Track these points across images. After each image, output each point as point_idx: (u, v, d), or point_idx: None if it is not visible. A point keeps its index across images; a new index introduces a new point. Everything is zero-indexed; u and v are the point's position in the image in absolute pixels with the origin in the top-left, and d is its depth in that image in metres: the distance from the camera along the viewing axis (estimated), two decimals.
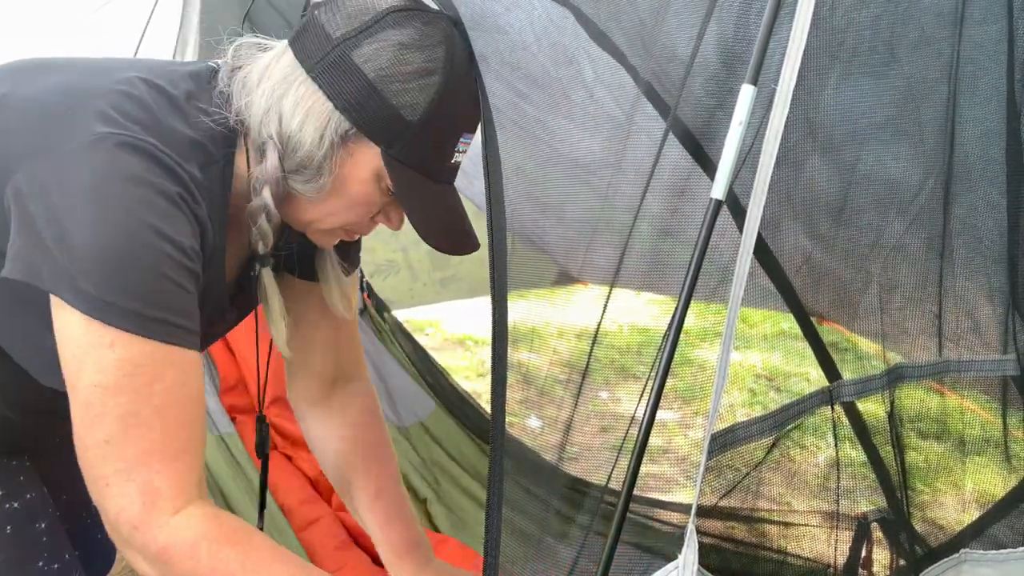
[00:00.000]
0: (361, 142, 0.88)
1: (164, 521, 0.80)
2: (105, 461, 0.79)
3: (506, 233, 0.90)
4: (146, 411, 0.79)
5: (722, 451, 0.93)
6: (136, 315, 0.77)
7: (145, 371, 0.78)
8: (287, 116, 0.86)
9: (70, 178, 0.77)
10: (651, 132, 1.12)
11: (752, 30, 0.92)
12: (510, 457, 0.93)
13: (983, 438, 1.24)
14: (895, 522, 1.27)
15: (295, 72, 0.87)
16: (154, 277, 0.78)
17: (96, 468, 0.79)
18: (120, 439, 0.78)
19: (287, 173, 0.89)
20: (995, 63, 1.09)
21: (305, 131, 0.86)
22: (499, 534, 0.85)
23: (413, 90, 0.86)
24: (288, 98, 0.86)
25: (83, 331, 0.77)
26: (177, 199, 0.80)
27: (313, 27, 0.87)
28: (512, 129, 1.14)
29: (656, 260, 1.08)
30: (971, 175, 1.15)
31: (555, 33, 1.15)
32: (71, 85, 0.85)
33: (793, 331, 1.29)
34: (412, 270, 3.04)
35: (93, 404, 0.78)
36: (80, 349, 0.77)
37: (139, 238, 0.77)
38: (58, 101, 0.83)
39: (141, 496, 0.79)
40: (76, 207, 0.76)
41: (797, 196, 1.07)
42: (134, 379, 0.78)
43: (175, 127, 0.84)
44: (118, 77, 0.85)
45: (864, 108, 1.09)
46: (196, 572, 0.81)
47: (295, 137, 0.87)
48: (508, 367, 0.89)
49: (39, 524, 1.05)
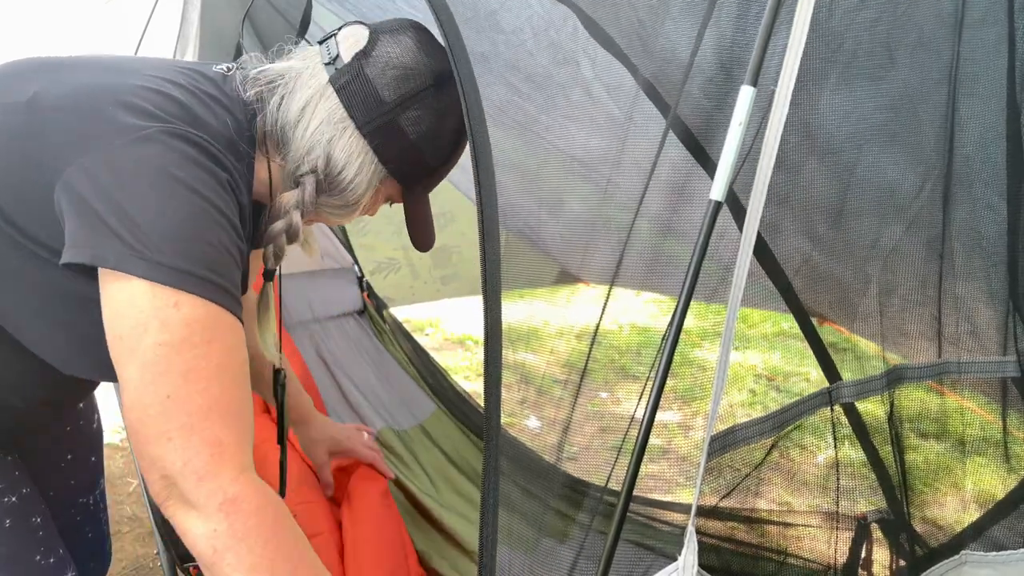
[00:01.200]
0: (390, 180, 1.05)
1: (234, 475, 0.84)
2: (168, 417, 0.82)
3: (499, 233, 0.90)
4: (207, 369, 0.84)
5: (722, 452, 0.93)
6: (199, 279, 0.83)
7: (206, 331, 0.84)
8: (338, 162, 1.00)
9: (127, 168, 0.83)
10: (650, 131, 1.12)
11: (750, 33, 0.92)
12: (507, 457, 0.93)
13: (983, 438, 1.24)
14: (895, 522, 1.27)
15: (345, 122, 0.99)
16: (214, 248, 0.85)
17: (157, 425, 0.82)
18: (183, 394, 0.82)
19: (319, 200, 1.02)
20: (995, 64, 1.09)
21: (357, 180, 1.01)
22: (495, 535, 0.85)
23: (445, 147, 1.04)
24: (338, 146, 0.99)
25: (149, 297, 0.82)
26: (226, 184, 0.88)
27: (363, 82, 0.98)
28: (512, 127, 1.14)
29: (656, 260, 1.08)
30: (971, 177, 1.15)
31: (554, 32, 1.15)
32: (102, 84, 0.90)
33: (793, 331, 1.30)
34: (413, 268, 3.04)
35: (157, 362, 0.82)
36: (144, 314, 0.82)
37: (202, 214, 0.85)
38: (92, 101, 0.88)
39: (208, 448, 0.83)
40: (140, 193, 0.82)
41: (796, 198, 1.07)
42: (196, 337, 0.83)
43: (209, 122, 0.91)
44: (145, 74, 0.92)
45: (863, 111, 1.09)
46: (258, 530, 0.84)
47: (344, 179, 1.01)
48: (507, 367, 0.89)
49: (35, 519, 1.07)
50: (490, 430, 0.87)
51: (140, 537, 2.34)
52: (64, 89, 0.90)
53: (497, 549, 0.86)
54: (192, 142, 0.86)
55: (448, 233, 2.96)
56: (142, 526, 2.37)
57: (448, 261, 3.07)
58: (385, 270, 2.98)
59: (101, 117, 0.86)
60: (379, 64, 0.98)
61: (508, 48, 1.14)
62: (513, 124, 1.16)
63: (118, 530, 2.34)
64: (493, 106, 0.98)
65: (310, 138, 0.98)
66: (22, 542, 1.04)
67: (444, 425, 2.35)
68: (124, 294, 0.82)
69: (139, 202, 0.82)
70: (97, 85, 0.90)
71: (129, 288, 0.82)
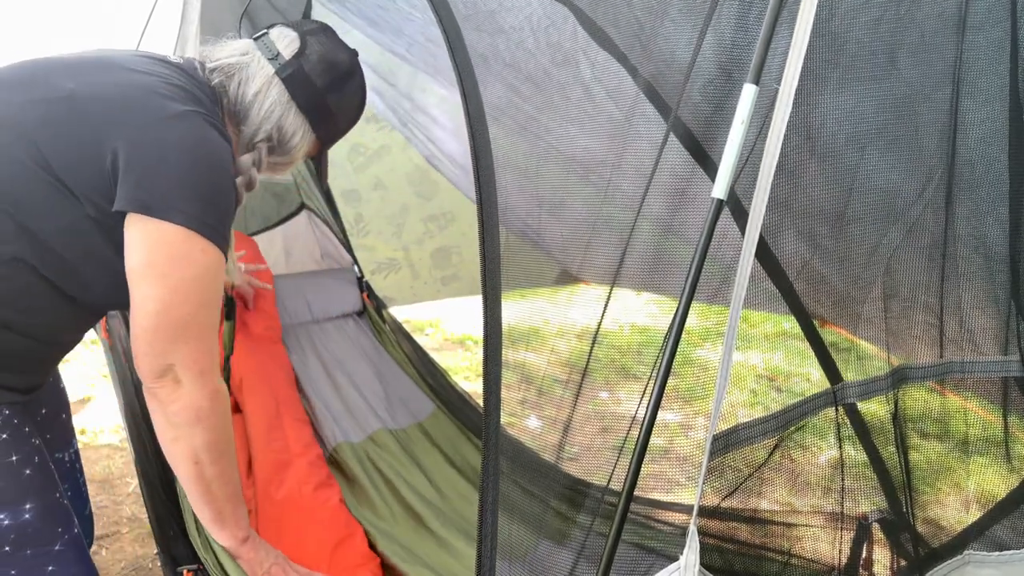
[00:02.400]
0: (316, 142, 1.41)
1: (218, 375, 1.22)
2: (188, 326, 1.15)
3: (499, 232, 0.90)
4: (214, 299, 1.20)
5: (724, 452, 0.93)
6: (219, 234, 1.15)
7: (217, 271, 1.17)
8: (286, 132, 1.35)
9: (169, 138, 1.13)
10: (650, 131, 1.12)
11: (751, 34, 0.92)
12: (507, 457, 0.93)
13: (985, 438, 1.24)
14: (896, 523, 1.26)
15: (290, 104, 1.33)
16: (227, 208, 1.18)
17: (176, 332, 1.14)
18: (198, 315, 1.16)
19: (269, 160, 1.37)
20: (998, 66, 1.08)
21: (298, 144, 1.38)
22: (495, 535, 0.85)
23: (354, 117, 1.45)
24: (286, 121, 1.34)
25: (183, 239, 1.11)
26: (230, 154, 1.20)
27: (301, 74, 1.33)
28: (511, 127, 1.14)
29: (658, 260, 1.08)
30: (973, 178, 1.14)
31: (554, 33, 1.15)
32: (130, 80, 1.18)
33: (794, 331, 1.29)
34: (413, 268, 3.04)
35: (182, 291, 1.13)
36: (178, 251, 1.12)
37: (223, 180, 1.17)
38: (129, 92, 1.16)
39: (209, 351, 1.19)
40: (179, 159, 1.12)
41: (798, 201, 1.07)
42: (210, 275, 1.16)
43: (207, 104, 1.22)
44: (160, 71, 1.21)
45: (864, 112, 1.09)
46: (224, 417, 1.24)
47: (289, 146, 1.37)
48: (507, 367, 0.89)
49: (51, 465, 1.28)
50: (489, 429, 0.86)
51: (140, 537, 2.34)
52: (99, 85, 1.16)
53: (497, 550, 0.86)
54: (210, 122, 1.18)
55: (448, 233, 2.95)
56: (142, 526, 2.37)
57: (448, 261, 3.07)
58: (385, 270, 2.98)
59: (139, 103, 1.14)
60: (312, 59, 1.34)
61: (508, 48, 1.13)
62: (513, 124, 1.15)
63: (117, 530, 2.34)
64: (492, 106, 0.98)
65: (264, 115, 1.32)
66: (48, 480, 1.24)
67: (443, 425, 2.34)
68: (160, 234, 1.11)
69: (180, 166, 1.11)
70: (127, 81, 1.18)
71: (166, 230, 1.10)
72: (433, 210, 2.90)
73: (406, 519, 1.92)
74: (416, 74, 2.23)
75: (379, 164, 2.81)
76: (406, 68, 2.19)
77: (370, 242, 2.90)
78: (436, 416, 2.37)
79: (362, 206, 2.85)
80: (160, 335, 1.13)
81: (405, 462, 2.13)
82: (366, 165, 2.81)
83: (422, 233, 2.94)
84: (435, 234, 2.96)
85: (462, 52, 0.92)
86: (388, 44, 1.98)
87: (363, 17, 1.92)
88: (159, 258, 1.12)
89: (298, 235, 2.85)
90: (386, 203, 2.87)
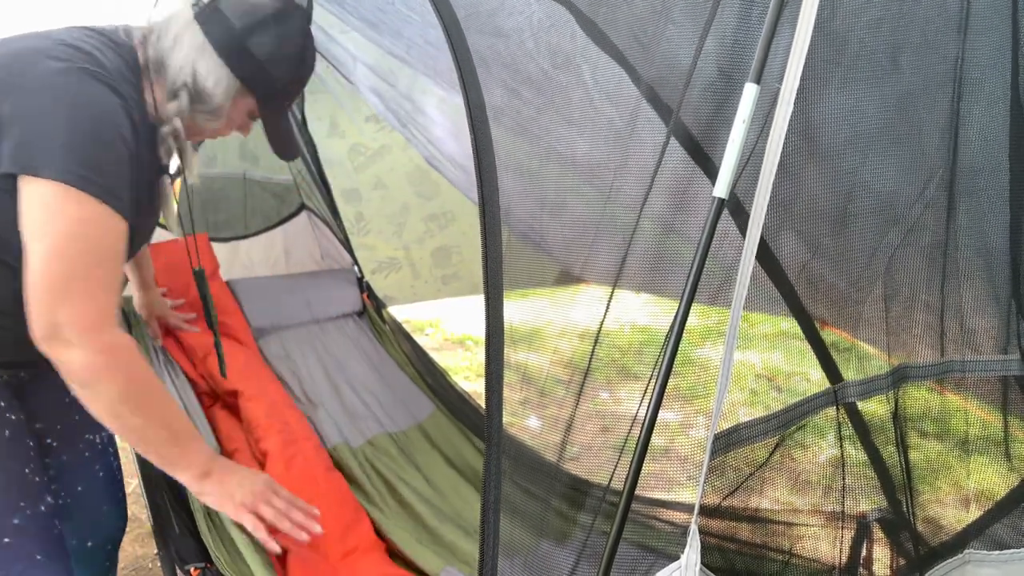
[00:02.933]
0: (246, 94, 1.35)
1: (110, 328, 1.17)
2: (69, 283, 1.11)
3: (500, 231, 0.90)
4: (97, 251, 1.15)
5: (725, 451, 0.93)
6: (98, 185, 1.12)
7: (100, 225, 1.14)
8: (202, 78, 1.29)
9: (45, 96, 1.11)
10: (652, 132, 1.12)
11: (752, 36, 0.92)
12: (508, 457, 0.93)
13: (984, 437, 1.24)
14: (896, 522, 1.27)
15: (206, 47, 1.28)
16: (111, 160, 1.15)
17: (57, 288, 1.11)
18: (82, 270, 1.12)
19: (193, 110, 1.32)
20: (1000, 66, 1.08)
21: (216, 91, 1.31)
22: (497, 533, 0.85)
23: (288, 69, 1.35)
24: (201, 65, 1.29)
25: (56, 194, 1.09)
26: (119, 108, 1.17)
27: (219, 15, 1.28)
28: (512, 128, 1.14)
29: (659, 260, 1.08)
30: (975, 178, 1.14)
31: (554, 35, 1.15)
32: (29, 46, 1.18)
33: (793, 331, 1.29)
34: (413, 267, 3.04)
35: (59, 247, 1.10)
36: (55, 206, 1.10)
37: (104, 132, 1.14)
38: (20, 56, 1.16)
39: (97, 308, 1.15)
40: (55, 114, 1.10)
41: (799, 202, 1.07)
42: (93, 228, 1.13)
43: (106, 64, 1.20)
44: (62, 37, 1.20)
45: (866, 112, 1.09)
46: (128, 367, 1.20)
47: (207, 92, 1.31)
48: (508, 366, 0.89)
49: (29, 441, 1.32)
50: (491, 429, 0.86)
51: (140, 537, 2.34)
52: None
53: (499, 550, 0.86)
54: (92, 74, 1.15)
55: (449, 233, 2.95)
56: (142, 526, 2.37)
57: (449, 261, 3.07)
58: (386, 269, 2.98)
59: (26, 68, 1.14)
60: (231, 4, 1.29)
61: (508, 49, 1.13)
62: (513, 125, 1.15)
63: None
64: (493, 107, 0.98)
65: (181, 60, 1.28)
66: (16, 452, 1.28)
67: (443, 425, 2.33)
68: (41, 190, 1.09)
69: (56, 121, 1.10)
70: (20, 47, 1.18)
71: (43, 187, 1.09)
72: (433, 209, 2.90)
73: (406, 518, 1.92)
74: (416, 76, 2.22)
75: (380, 163, 2.81)
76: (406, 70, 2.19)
77: (371, 241, 2.90)
78: (436, 417, 2.36)
79: (363, 205, 2.85)
80: (44, 295, 1.11)
81: (404, 464, 2.13)
82: (367, 164, 2.81)
83: (422, 232, 2.94)
84: (435, 233, 2.96)
85: (463, 50, 0.92)
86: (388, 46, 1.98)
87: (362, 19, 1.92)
88: (35, 215, 1.10)
89: (298, 235, 2.85)
90: (386, 202, 2.87)
